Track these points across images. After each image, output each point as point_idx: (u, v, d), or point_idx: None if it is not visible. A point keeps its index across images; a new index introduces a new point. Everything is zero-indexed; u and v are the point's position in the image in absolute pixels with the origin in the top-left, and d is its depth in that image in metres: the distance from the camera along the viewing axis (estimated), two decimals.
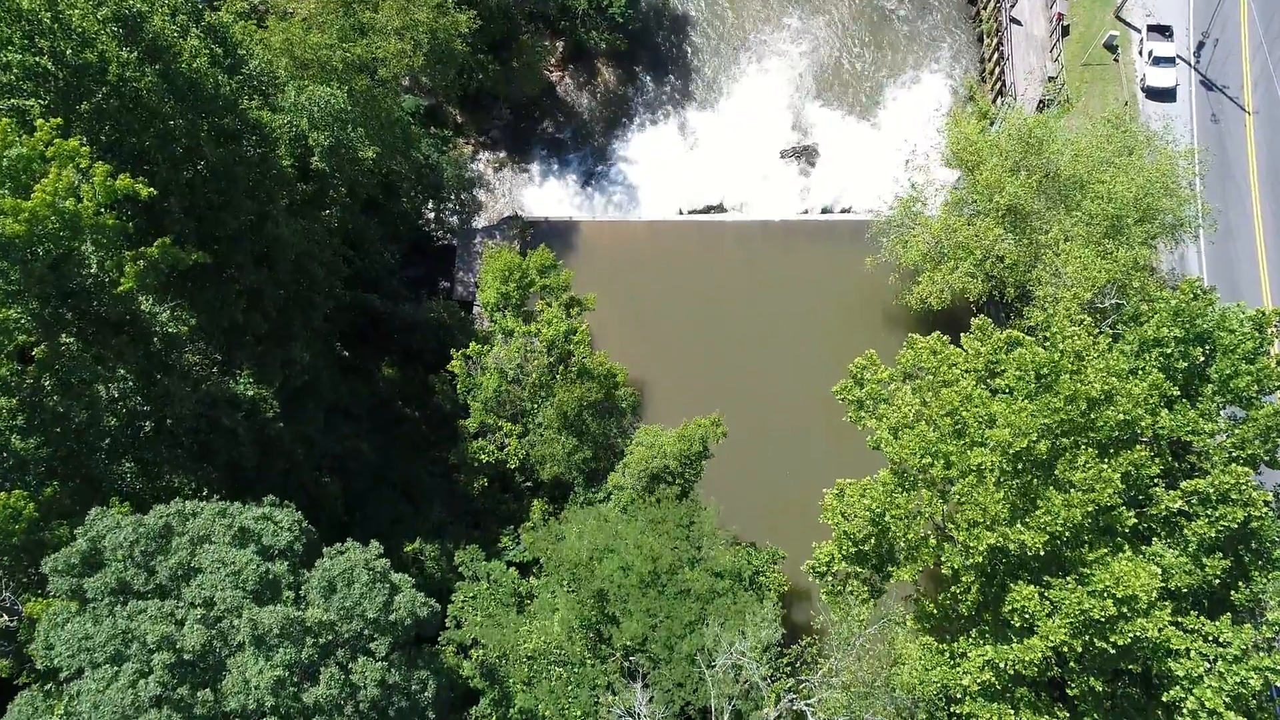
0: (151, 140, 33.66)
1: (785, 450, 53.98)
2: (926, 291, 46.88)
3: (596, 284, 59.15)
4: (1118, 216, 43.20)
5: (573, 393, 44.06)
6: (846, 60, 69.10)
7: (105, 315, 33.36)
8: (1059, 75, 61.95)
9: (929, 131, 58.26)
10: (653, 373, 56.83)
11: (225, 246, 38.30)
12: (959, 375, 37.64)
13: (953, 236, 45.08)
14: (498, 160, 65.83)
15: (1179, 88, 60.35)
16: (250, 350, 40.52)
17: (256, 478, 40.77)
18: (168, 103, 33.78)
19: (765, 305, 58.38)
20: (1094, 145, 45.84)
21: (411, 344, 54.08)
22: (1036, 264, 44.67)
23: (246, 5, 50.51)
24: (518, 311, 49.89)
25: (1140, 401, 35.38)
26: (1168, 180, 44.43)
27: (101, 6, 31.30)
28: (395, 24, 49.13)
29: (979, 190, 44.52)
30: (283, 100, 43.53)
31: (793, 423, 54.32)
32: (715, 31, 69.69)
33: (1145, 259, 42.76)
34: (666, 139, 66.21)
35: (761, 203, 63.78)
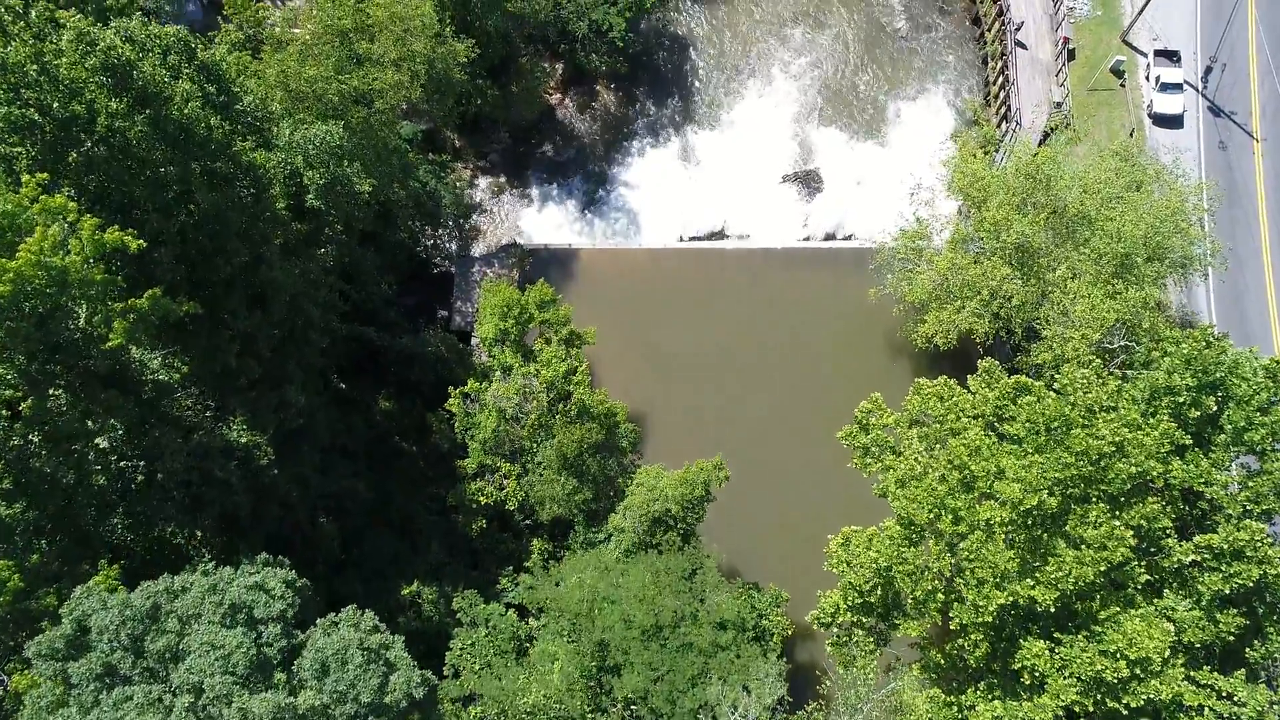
0: (141, 189, 32.91)
1: (788, 483, 53.23)
2: (932, 331, 46.12)
3: (596, 313, 58.52)
4: (1127, 255, 42.48)
5: (573, 434, 43.33)
6: (849, 81, 68.32)
7: (94, 369, 32.60)
8: (1065, 101, 61.20)
9: (933, 160, 57.57)
10: (653, 403, 56.07)
11: (218, 291, 37.56)
12: (966, 424, 36.90)
13: (959, 275, 44.33)
14: (496, 185, 65.01)
15: (1186, 114, 59.59)
16: (244, 395, 39.75)
17: (250, 525, 40.05)
18: (158, 150, 33.01)
19: (767, 334, 57.65)
20: (1102, 181, 45.09)
21: (409, 377, 53.32)
22: (1044, 302, 43.93)
23: (241, 35, 49.69)
24: (516, 347, 49.17)
25: (1152, 452, 34.70)
26: (1178, 218, 43.69)
27: (89, 56, 30.48)
28: (392, 55, 48.31)
29: (985, 228, 43.78)
30: (278, 138, 42.75)
31: (796, 455, 53.55)
32: (716, 53, 68.91)
33: (1155, 299, 42.00)
34: (667, 162, 65.43)
35: (763, 228, 62.99)
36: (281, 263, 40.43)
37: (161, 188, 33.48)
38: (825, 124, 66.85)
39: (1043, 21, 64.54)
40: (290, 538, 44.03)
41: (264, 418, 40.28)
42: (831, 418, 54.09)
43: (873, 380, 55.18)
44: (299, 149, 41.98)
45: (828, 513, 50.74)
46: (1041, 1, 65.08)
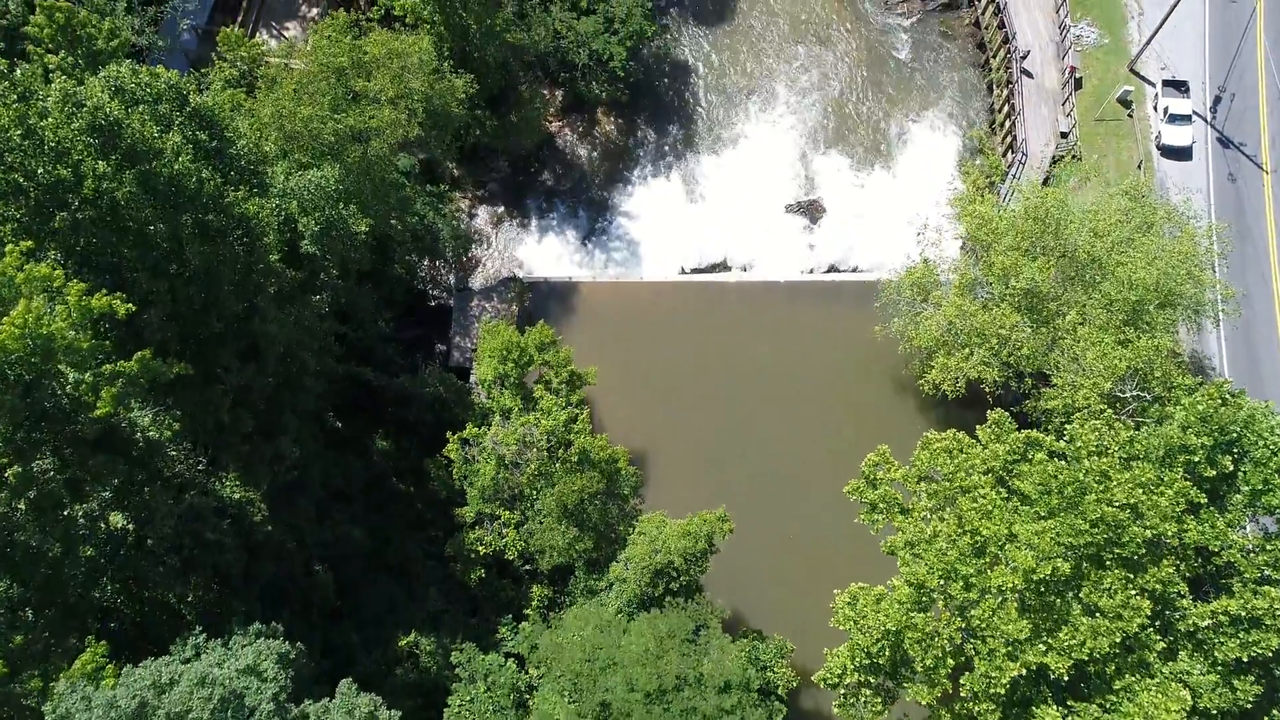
0: (130, 249, 32.07)
1: (793, 523, 52.33)
2: (940, 378, 45.22)
3: (596, 347, 57.72)
4: (1139, 302, 41.65)
5: (573, 484, 42.44)
6: (852, 108, 67.47)
7: (82, 434, 31.71)
8: (1071, 131, 60.35)
9: (939, 198, 56.70)
10: (654, 441, 55.21)
11: (210, 346, 36.69)
12: (977, 481, 36.05)
13: (967, 321, 43.45)
14: (495, 215, 64.12)
15: (1195, 146, 58.73)
16: (237, 450, 38.86)
17: (243, 581, 39.16)
18: (147, 208, 32.14)
19: (771, 370, 56.74)
20: (1112, 223, 44.23)
21: (407, 417, 52.40)
22: (1053, 348, 43.08)
23: (235, 72, 48.84)
24: (516, 389, 48.30)
25: (1167, 514, 33.90)
26: (1190, 264, 42.85)
27: (76, 118, 29.61)
28: (389, 93, 47.43)
29: (994, 273, 42.90)
30: (272, 181, 41.87)
31: (801, 495, 52.68)
32: (718, 80, 68.03)
33: (1167, 347, 41.17)
34: (668, 192, 64.53)
35: (766, 259, 62.13)
36: (275, 312, 39.58)
37: (151, 247, 32.63)
38: (828, 152, 65.99)
39: (1049, 49, 63.71)
40: (285, 588, 43.19)
41: (258, 472, 39.45)
42: (837, 455, 53.40)
43: (879, 418, 54.50)
44: (293, 195, 41.06)
45: (834, 554, 50.06)
46: (1048, 29, 64.24)
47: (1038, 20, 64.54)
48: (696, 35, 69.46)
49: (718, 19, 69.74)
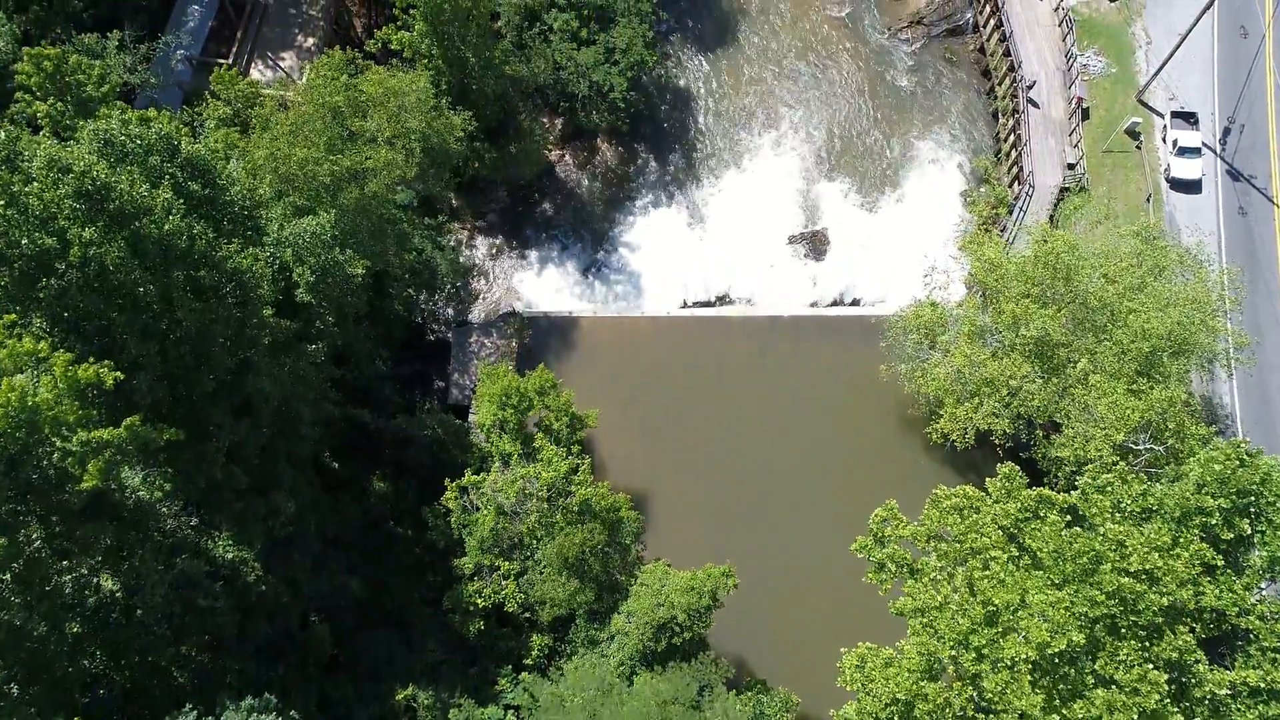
0: (119, 314, 31.15)
1: (797, 569, 51.47)
2: (948, 428, 44.33)
3: (597, 384, 56.87)
4: (1152, 351, 40.79)
5: (574, 537, 41.59)
6: (856, 136, 66.60)
7: (70, 505, 30.81)
8: (1079, 163, 59.48)
9: (944, 227, 55.87)
10: (656, 481, 54.34)
11: (202, 404, 35.79)
12: (988, 544, 35.18)
13: (977, 371, 42.56)
14: (495, 246, 63.21)
15: (1205, 179, 57.86)
16: (230, 508, 37.95)
17: (237, 642, 38.28)
18: (136, 270, 31.23)
19: (774, 407, 55.88)
20: (1123, 268, 43.36)
21: (405, 459, 51.49)
22: (1064, 396, 42.20)
23: (230, 110, 47.91)
24: (515, 434, 47.44)
25: (1184, 579, 33.06)
26: (1204, 313, 41.99)
27: (61, 184, 28.70)
28: (386, 133, 46.51)
29: (1003, 320, 42.03)
30: (267, 227, 40.98)
31: (806, 539, 51.78)
32: (719, 107, 67.16)
33: (1180, 398, 40.31)
34: (670, 222, 63.62)
35: (769, 292, 61.23)
36: (270, 365, 38.70)
37: (140, 309, 31.74)
38: (831, 180, 65.12)
39: (1055, 78, 62.85)
40: (280, 643, 42.34)
41: (252, 530, 38.54)
42: (843, 495, 52.58)
43: (885, 456, 53.59)
44: (288, 243, 40.14)
45: (839, 596, 49.07)
46: (1054, 58, 63.39)
47: (1044, 49, 63.70)
48: (698, 62, 68.61)
49: (719, 45, 68.90)
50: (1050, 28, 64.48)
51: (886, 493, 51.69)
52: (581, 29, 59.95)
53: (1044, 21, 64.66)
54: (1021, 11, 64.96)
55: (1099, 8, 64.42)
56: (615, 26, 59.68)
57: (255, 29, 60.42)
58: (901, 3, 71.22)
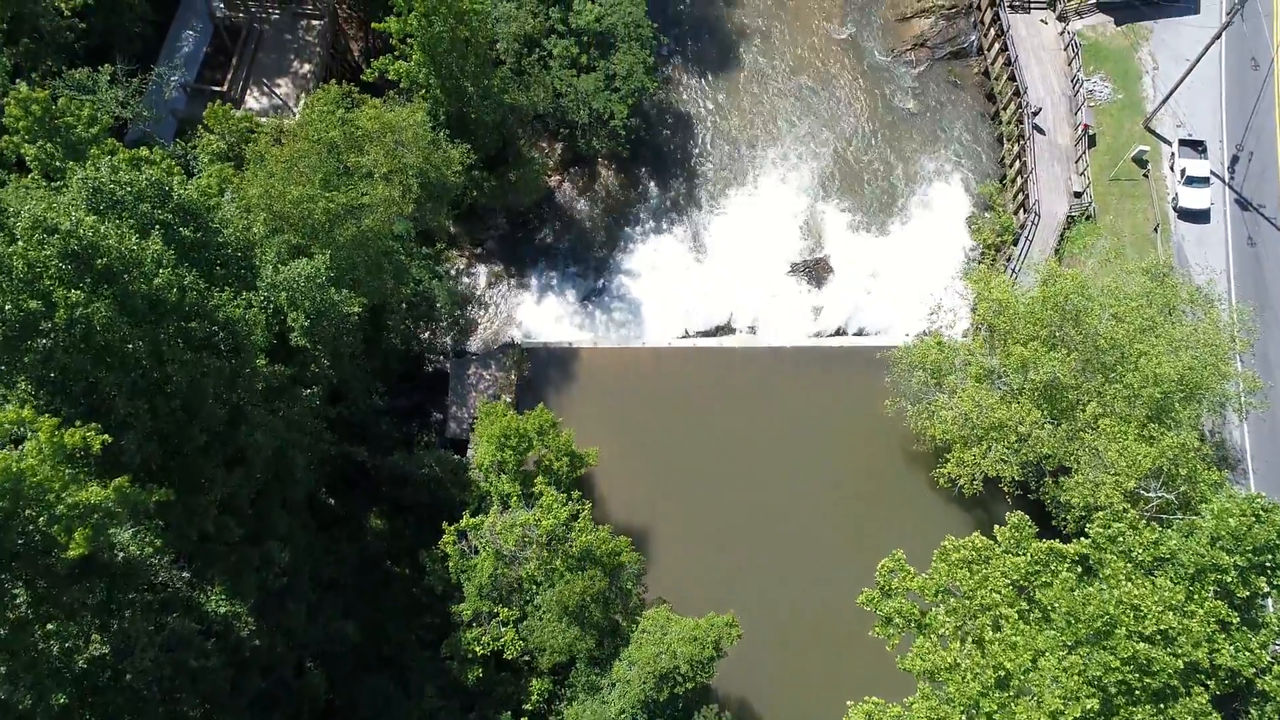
0: (107, 374, 30.31)
1: (801, 607, 50.61)
2: (956, 473, 43.52)
3: (597, 416, 56.08)
4: (1164, 395, 40.01)
5: (574, 586, 40.81)
6: (859, 161, 65.78)
7: (57, 570, 29.98)
8: (1085, 191, 58.71)
9: (948, 258, 55.04)
10: (657, 517, 53.51)
11: (193, 458, 34.96)
12: (999, 600, 34.41)
13: (985, 416, 41.75)
14: (493, 273, 62.36)
15: (1213, 208, 57.06)
16: (224, 560, 37.11)
17: (231, 696, 37.43)
18: (124, 328, 30.41)
19: (778, 441, 55.00)
20: (1134, 308, 42.57)
21: (402, 497, 50.68)
22: (1073, 440, 41.40)
23: (224, 144, 47.13)
24: (515, 474, 46.67)
25: (1199, 639, 32.32)
26: (1216, 356, 41.21)
27: (47, 245, 27.87)
28: (383, 168, 45.68)
29: (1012, 363, 41.21)
30: (261, 268, 40.19)
31: (810, 579, 50.91)
32: (721, 132, 66.37)
33: (1193, 445, 39.52)
34: (670, 249, 62.80)
35: (771, 321, 60.40)
36: (263, 414, 37.87)
37: (128, 368, 30.93)
38: (834, 206, 64.30)
39: (1061, 105, 62.08)
40: (274, 692, 41.52)
41: (245, 581, 37.68)
42: (847, 534, 51.78)
43: (890, 491, 52.72)
44: (282, 287, 39.32)
45: (844, 645, 48.25)
46: (1059, 83, 62.63)
47: (1049, 74, 62.94)
48: (699, 85, 67.82)
49: (721, 69, 68.12)
50: (1055, 52, 63.74)
51: (892, 530, 51.26)
52: (581, 55, 59.15)
53: (1049, 46, 63.93)
54: (1027, 36, 64.21)
55: (1105, 32, 63.65)
56: (615, 53, 58.87)
57: (251, 55, 59.59)
58: (905, 24, 70.44)
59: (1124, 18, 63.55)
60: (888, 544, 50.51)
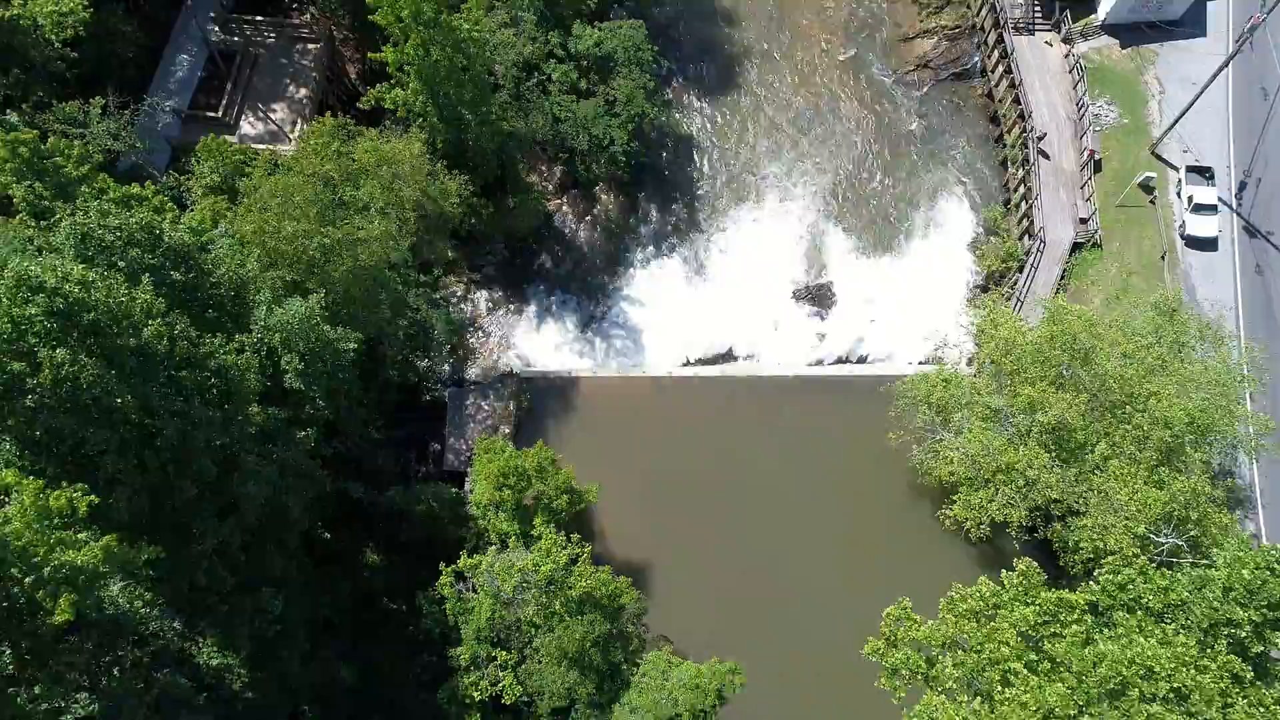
0: (95, 431, 29.53)
1: (805, 647, 49.79)
2: (962, 516, 42.76)
3: (597, 447, 55.32)
4: (1175, 438, 39.29)
5: (575, 631, 40.02)
6: (862, 184, 65.05)
7: (42, 634, 29.24)
8: (1091, 217, 57.97)
9: (953, 288, 54.27)
10: (658, 551, 52.72)
11: (184, 511, 34.20)
12: (1007, 655, 33.65)
13: (992, 460, 41.00)
14: (492, 300, 61.59)
15: (1220, 235, 56.33)
16: (216, 612, 36.36)
17: None
18: (111, 384, 29.63)
19: (781, 473, 54.18)
20: (1144, 346, 41.84)
21: (399, 532, 49.92)
22: (1081, 482, 40.64)
23: (217, 177, 46.37)
24: (513, 513, 45.93)
25: (1211, 696, 31.57)
26: (1227, 397, 40.47)
27: (31, 304, 27.11)
28: (380, 203, 44.93)
29: (1019, 404, 40.46)
30: (254, 312, 39.44)
31: (814, 615, 50.07)
32: (722, 154, 65.64)
33: (1205, 491, 38.76)
34: (671, 274, 62.06)
35: (773, 349, 59.66)
36: (257, 460, 37.05)
37: (116, 425, 30.13)
38: (837, 231, 63.55)
39: (1066, 129, 61.35)
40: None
41: (238, 632, 36.93)
42: (851, 569, 50.94)
43: (895, 527, 51.85)
44: (276, 329, 38.55)
45: (849, 685, 47.41)
46: (1065, 107, 61.89)
47: (1054, 98, 62.22)
48: (700, 106, 67.12)
49: (722, 90, 67.41)
50: (1060, 75, 63.03)
51: (898, 565, 50.53)
52: (581, 80, 58.47)
53: (1054, 69, 63.22)
54: (1031, 59, 63.50)
55: (1110, 55, 62.93)
56: (615, 77, 58.14)
57: (246, 80, 58.82)
58: (908, 45, 69.75)
59: (1129, 41, 62.82)
60: (893, 579, 49.99)
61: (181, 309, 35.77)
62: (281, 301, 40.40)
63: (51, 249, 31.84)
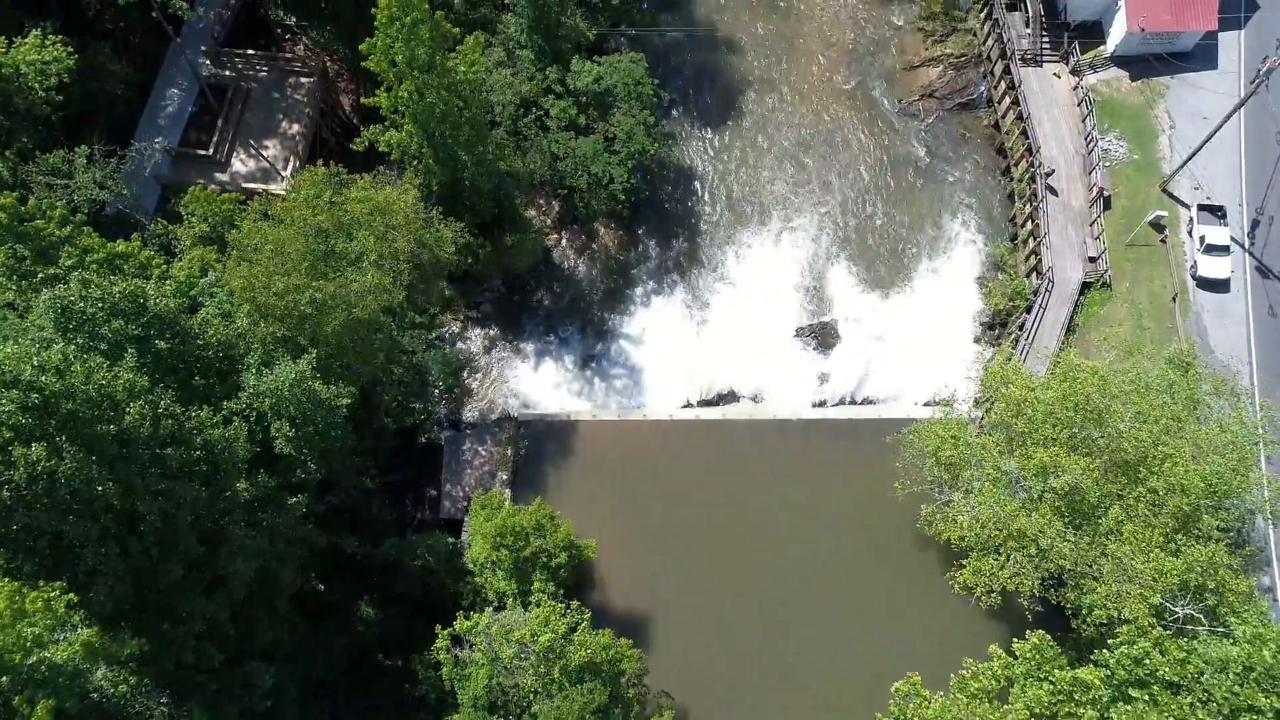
0: (74, 525, 28.38)
1: (810, 703, 48.76)
2: (973, 583, 41.64)
3: (597, 491, 54.26)
4: (1191, 505, 38.19)
5: (575, 701, 38.94)
6: (865, 217, 63.79)
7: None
8: (1100, 256, 56.81)
9: (958, 313, 53.24)
10: (658, 600, 51.66)
11: (170, 592, 33.08)
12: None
13: (1004, 526, 39.88)
14: (489, 337, 60.41)
15: (1233, 276, 55.17)
16: (204, 690, 35.23)
17: None
18: (91, 471, 28.48)
19: (783, 522, 53.07)
20: (1158, 405, 40.69)
21: (394, 586, 48.81)
22: (1095, 545, 39.51)
23: (206, 227, 45.19)
24: (511, 572, 44.90)
25: None
26: (1244, 466, 39.34)
27: (3, 399, 25.93)
28: (373, 255, 43.69)
29: (1031, 468, 39.32)
30: (244, 375, 38.28)
31: (819, 669, 49.09)
32: (724, 187, 64.41)
33: (1223, 559, 37.65)
34: (672, 311, 60.87)
35: (777, 388, 58.47)
36: (247, 531, 35.92)
37: (97, 515, 29.00)
38: (841, 265, 62.32)
39: (1074, 163, 60.16)
40: None
41: (227, 710, 35.81)
42: (858, 627, 49.83)
43: (902, 583, 50.66)
44: (266, 395, 37.37)
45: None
46: (1073, 141, 60.72)
47: (1062, 131, 61.04)
48: (701, 138, 65.88)
49: (724, 121, 66.19)
50: (1068, 108, 61.82)
51: (904, 620, 49.45)
52: (580, 115, 57.28)
53: (1062, 101, 62.01)
54: (1039, 91, 62.30)
55: (1119, 87, 61.73)
56: (615, 113, 56.95)
57: (237, 115, 57.63)
58: (912, 74, 68.48)
59: (1139, 73, 61.61)
60: (901, 633, 49.07)
61: (167, 378, 34.66)
62: (271, 363, 39.26)
63: (27, 327, 30.60)
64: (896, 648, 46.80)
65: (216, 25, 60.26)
